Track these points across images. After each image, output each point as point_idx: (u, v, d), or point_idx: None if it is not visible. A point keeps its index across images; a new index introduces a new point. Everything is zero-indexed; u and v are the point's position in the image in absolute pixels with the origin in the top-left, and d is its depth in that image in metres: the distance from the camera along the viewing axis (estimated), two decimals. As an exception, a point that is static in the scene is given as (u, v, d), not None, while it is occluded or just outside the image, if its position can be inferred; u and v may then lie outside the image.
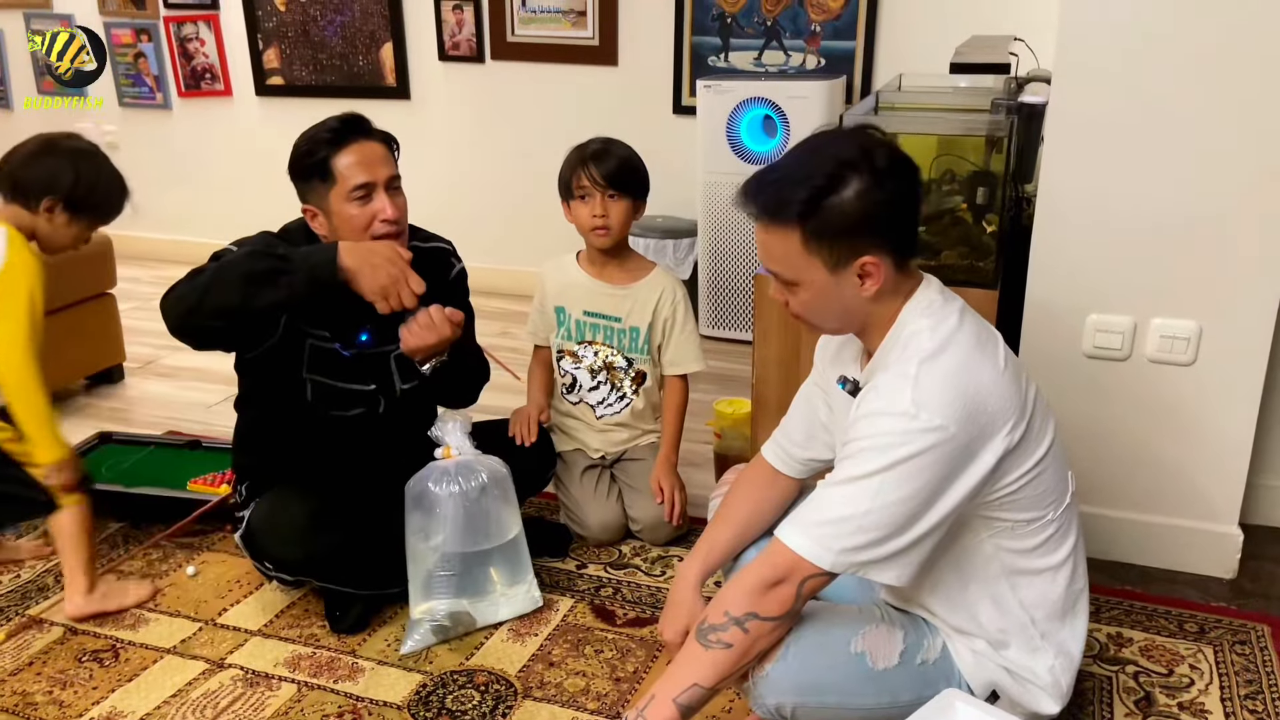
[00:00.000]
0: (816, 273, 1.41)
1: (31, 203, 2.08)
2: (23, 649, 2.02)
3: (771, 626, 1.42)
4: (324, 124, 1.99)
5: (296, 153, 2.00)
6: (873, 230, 1.39)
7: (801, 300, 1.46)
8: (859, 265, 1.40)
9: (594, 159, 2.31)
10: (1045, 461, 1.45)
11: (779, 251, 1.42)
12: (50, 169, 2.08)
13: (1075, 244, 2.13)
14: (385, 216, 1.97)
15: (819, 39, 3.65)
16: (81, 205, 2.11)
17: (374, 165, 1.97)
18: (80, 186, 2.10)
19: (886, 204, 1.39)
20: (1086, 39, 2.02)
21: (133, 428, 3.01)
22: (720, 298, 3.70)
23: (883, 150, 1.41)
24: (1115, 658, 1.97)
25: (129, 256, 4.61)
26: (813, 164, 1.40)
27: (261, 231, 2.05)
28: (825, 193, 1.37)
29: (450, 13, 4.07)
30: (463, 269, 2.27)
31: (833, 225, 1.37)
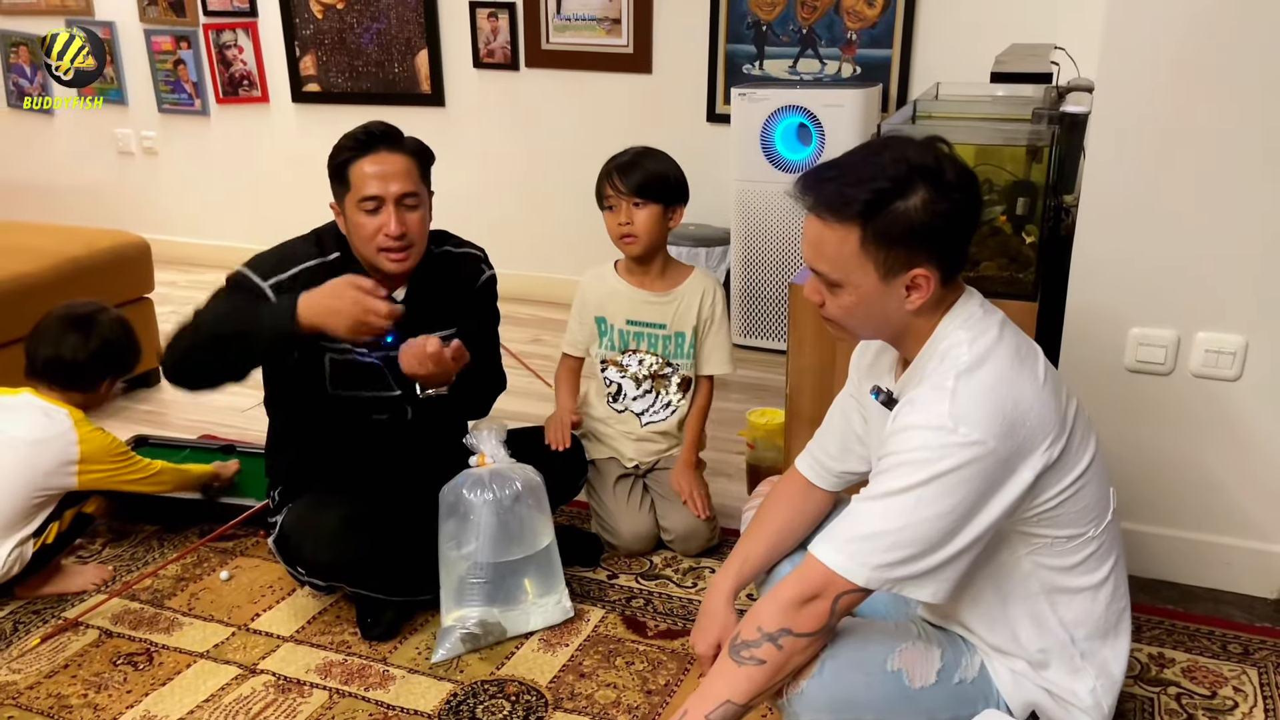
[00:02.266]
0: (866, 277, 1.38)
1: (92, 384, 2.25)
2: (58, 651, 2.03)
3: (806, 643, 1.40)
4: (357, 129, 2.01)
5: (330, 152, 2.03)
6: (931, 243, 1.36)
7: (842, 303, 1.43)
8: (910, 276, 1.37)
9: (620, 169, 2.31)
10: (1085, 477, 1.42)
11: (832, 249, 1.38)
12: (104, 348, 2.24)
13: (1117, 255, 2.09)
14: (389, 232, 1.97)
15: (855, 47, 3.63)
16: (127, 368, 2.34)
17: (388, 179, 1.97)
18: (125, 355, 2.30)
19: (950, 218, 1.36)
20: (1131, 47, 1.98)
21: (168, 431, 3.03)
22: (753, 306, 3.68)
23: (953, 163, 1.38)
24: (1157, 679, 1.93)
25: (167, 261, 4.66)
26: (881, 164, 1.36)
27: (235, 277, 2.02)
28: (891, 196, 1.34)
29: (485, 20, 4.08)
30: (492, 275, 2.27)
31: (894, 231, 1.34)
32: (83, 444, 2.16)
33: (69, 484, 2.15)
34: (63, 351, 2.21)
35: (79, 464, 2.15)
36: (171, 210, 4.94)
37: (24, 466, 2.11)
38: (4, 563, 2.10)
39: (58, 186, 5.10)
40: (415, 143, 2.05)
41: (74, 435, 2.15)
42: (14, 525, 2.11)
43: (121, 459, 2.23)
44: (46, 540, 2.14)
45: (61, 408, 2.20)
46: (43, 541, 2.14)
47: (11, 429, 2.14)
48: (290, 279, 1.99)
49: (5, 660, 2.00)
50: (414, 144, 2.05)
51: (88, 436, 2.18)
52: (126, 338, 2.31)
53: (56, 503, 2.16)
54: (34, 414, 2.17)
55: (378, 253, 2.00)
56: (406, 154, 2.01)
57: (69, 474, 2.14)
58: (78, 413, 2.21)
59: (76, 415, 2.20)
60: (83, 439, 2.16)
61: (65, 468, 2.14)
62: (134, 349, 2.33)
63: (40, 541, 2.14)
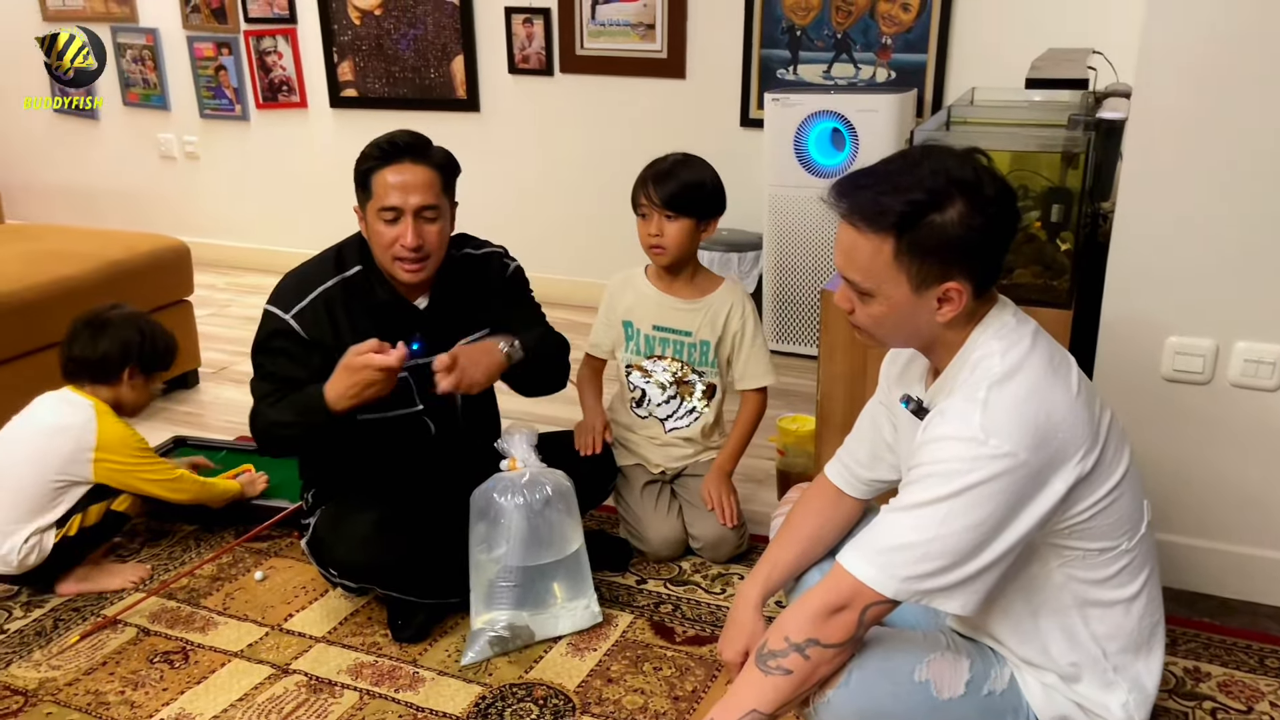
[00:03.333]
0: (898, 288, 1.37)
1: (113, 376, 2.30)
2: (97, 649, 2.07)
3: (833, 653, 1.39)
4: (383, 137, 2.03)
5: (357, 158, 2.05)
6: (966, 257, 1.35)
7: (872, 313, 1.42)
8: (942, 289, 1.36)
9: (655, 178, 2.30)
10: (1119, 490, 1.40)
11: (864, 259, 1.37)
12: (119, 341, 2.30)
13: (1154, 263, 2.07)
14: (405, 243, 1.98)
15: (890, 51, 3.61)
16: (149, 362, 2.36)
17: (409, 191, 1.98)
18: (146, 345, 2.34)
19: (986, 233, 1.35)
20: (1169, 51, 1.96)
21: (206, 432, 3.08)
22: (786, 312, 3.67)
23: (992, 178, 1.37)
24: (1192, 693, 1.90)
25: (207, 264, 4.74)
26: (919, 175, 1.34)
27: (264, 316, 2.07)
28: (928, 208, 1.32)
29: (520, 26, 4.11)
30: (518, 267, 2.27)
31: (929, 244, 1.33)
32: (101, 433, 2.21)
33: (86, 473, 2.20)
34: (75, 350, 2.30)
35: (95, 451, 2.20)
36: (212, 214, 5.01)
37: (43, 450, 2.18)
38: (20, 549, 2.14)
39: (101, 190, 5.20)
40: (441, 154, 2.06)
41: (94, 425, 2.22)
42: (33, 510, 2.16)
43: (140, 454, 2.27)
44: (69, 533, 2.18)
45: (87, 399, 2.26)
46: (64, 533, 2.18)
47: (38, 417, 2.26)
48: (310, 304, 2.03)
49: (45, 657, 2.04)
50: (440, 156, 2.05)
51: (107, 426, 2.23)
52: (137, 330, 2.33)
53: (80, 495, 2.20)
54: (60, 404, 2.27)
55: (393, 262, 2.02)
56: (430, 166, 2.02)
57: (86, 461, 2.19)
58: (103, 405, 2.27)
59: (101, 407, 2.26)
60: (101, 428, 2.22)
61: (82, 454, 2.19)
62: (148, 340, 2.35)
63: (62, 533, 2.18)
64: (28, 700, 1.92)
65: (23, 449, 2.21)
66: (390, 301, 2.08)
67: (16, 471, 2.18)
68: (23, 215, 5.17)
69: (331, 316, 2.04)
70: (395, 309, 2.08)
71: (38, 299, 2.91)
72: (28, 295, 2.89)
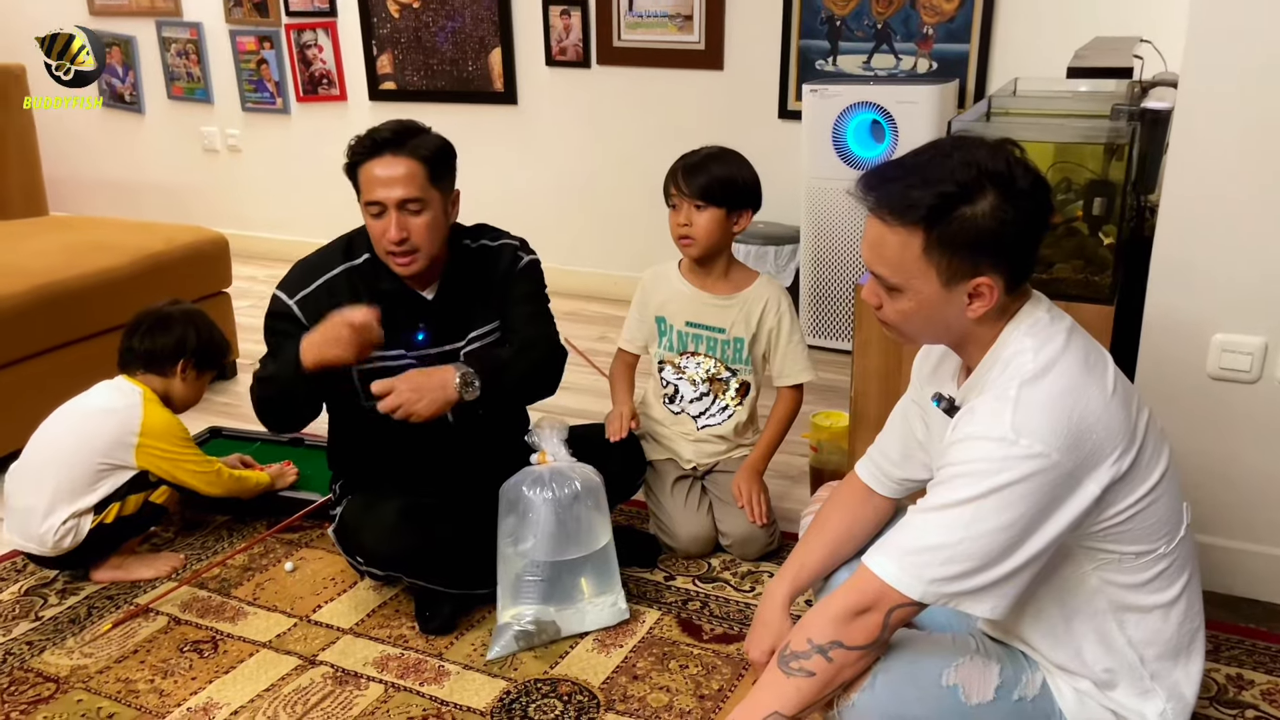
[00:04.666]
0: (927, 284, 1.34)
1: (167, 369, 2.35)
2: (129, 636, 2.09)
3: (857, 656, 1.36)
4: (371, 130, 2.03)
5: (345, 151, 2.05)
6: (997, 252, 1.31)
7: (900, 309, 1.39)
8: (973, 285, 1.33)
9: (686, 169, 2.27)
10: (1157, 492, 1.36)
11: (893, 253, 1.34)
12: (176, 335, 2.36)
13: (1200, 257, 2.00)
14: (389, 237, 1.98)
15: (931, 42, 3.55)
16: (204, 359, 2.41)
17: (390, 185, 1.97)
18: (203, 342, 2.39)
19: (1018, 227, 1.30)
20: (1217, 38, 1.89)
21: (242, 423, 3.10)
22: (823, 306, 3.62)
23: (1025, 170, 1.32)
24: (1234, 700, 1.84)
25: (249, 256, 4.79)
26: (949, 167, 1.30)
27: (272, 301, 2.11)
28: (958, 201, 1.29)
29: (558, 18, 4.09)
30: (532, 260, 2.22)
31: (959, 238, 1.29)
32: (146, 418, 2.24)
33: (129, 458, 2.22)
34: (133, 340, 2.34)
35: (139, 436, 2.22)
36: (254, 207, 5.06)
37: (89, 432, 2.22)
38: (57, 530, 2.17)
39: (146, 184, 5.26)
40: (428, 145, 2.01)
41: (140, 410, 2.25)
42: (74, 491, 2.18)
43: (182, 443, 2.30)
44: (105, 519, 2.21)
45: (138, 386, 2.30)
46: (101, 520, 2.20)
47: (88, 400, 2.30)
48: (314, 292, 2.05)
49: (78, 644, 2.07)
50: (425, 147, 2.01)
51: (153, 412, 2.26)
52: (195, 327, 2.38)
53: (121, 482, 2.22)
54: (110, 389, 2.31)
55: (385, 255, 2.03)
56: (413, 158, 1.98)
57: (129, 445, 2.22)
58: (150, 393, 2.30)
59: (149, 394, 2.29)
60: (147, 413, 2.25)
61: (127, 438, 2.22)
62: (204, 336, 2.40)
63: (99, 520, 2.20)
64: (59, 687, 1.94)
65: (69, 429, 2.25)
66: (395, 291, 2.08)
67: (62, 450, 2.21)
68: (70, 208, 5.26)
69: (335, 304, 2.02)
70: (401, 298, 2.08)
71: (79, 290, 2.95)
72: (69, 286, 2.93)
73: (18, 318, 2.78)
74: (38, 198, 3.79)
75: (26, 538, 2.20)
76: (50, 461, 2.21)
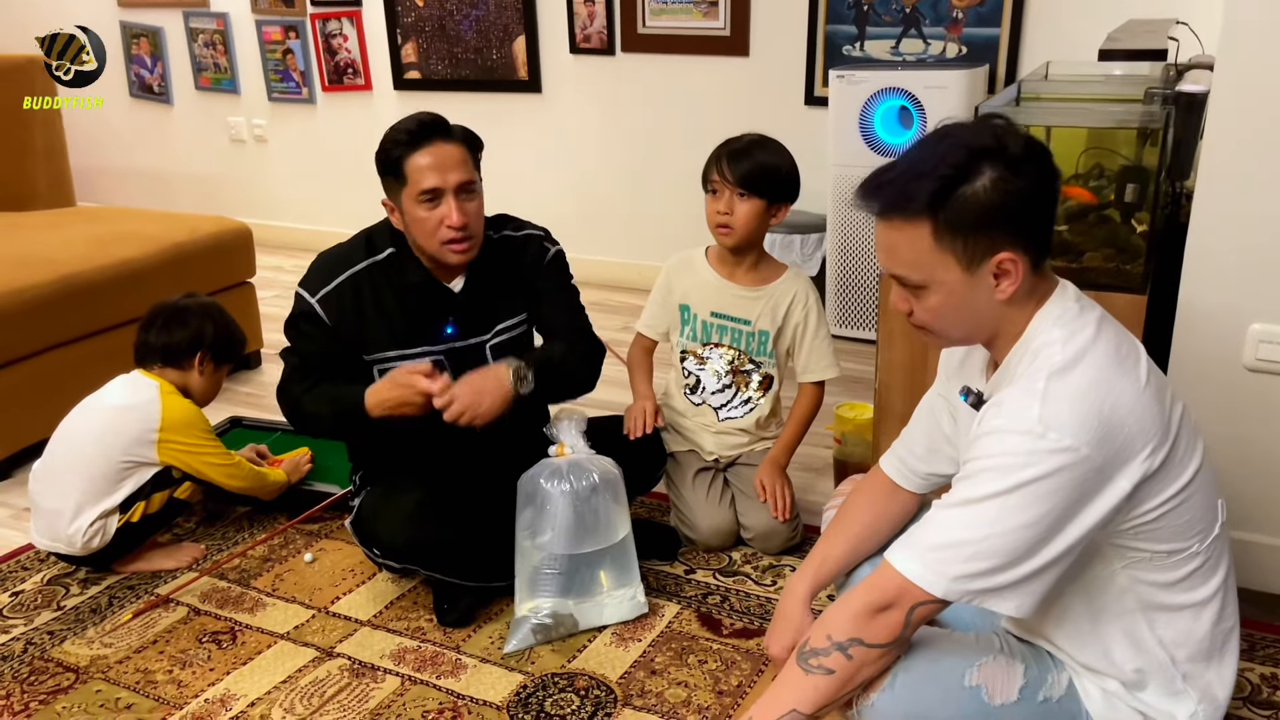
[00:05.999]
0: (949, 272, 1.30)
1: (185, 361, 2.34)
2: (149, 627, 2.09)
3: (878, 654, 1.33)
4: (404, 122, 1.99)
5: (379, 148, 2.01)
6: (1009, 222, 1.28)
7: (930, 306, 1.35)
8: (996, 263, 1.29)
9: (731, 155, 2.22)
10: (1191, 488, 1.31)
11: (906, 251, 1.31)
12: (193, 328, 2.35)
13: (1237, 245, 1.94)
14: (451, 223, 1.95)
15: (961, 25, 3.48)
16: (222, 351, 2.40)
17: (445, 170, 1.95)
18: (220, 335, 2.39)
19: (1024, 194, 1.28)
20: (1254, 18, 1.83)
21: (265, 413, 3.10)
22: (849, 296, 3.58)
23: (1015, 137, 1.30)
24: (1269, 701, 1.79)
25: (276, 246, 4.80)
26: (939, 154, 1.29)
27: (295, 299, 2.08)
28: (957, 182, 1.26)
29: (582, 5, 4.06)
30: (559, 251, 2.22)
31: (967, 217, 1.27)
32: (165, 412, 2.23)
33: (152, 454, 2.22)
34: (149, 334, 2.34)
35: (159, 432, 2.22)
36: (280, 196, 5.07)
37: (110, 431, 2.21)
38: (85, 532, 2.17)
39: (174, 174, 5.29)
40: (464, 130, 2.03)
41: (159, 404, 2.24)
42: (100, 492, 2.18)
43: (204, 435, 2.29)
44: (132, 519, 2.21)
45: (154, 380, 2.29)
46: (127, 519, 2.20)
47: (106, 398, 2.29)
48: (337, 288, 2.03)
49: (98, 634, 2.07)
50: (463, 131, 2.02)
51: (172, 405, 2.25)
52: (211, 320, 2.38)
53: (146, 478, 2.22)
54: (127, 385, 2.30)
55: (441, 246, 1.98)
56: (458, 143, 1.99)
57: (150, 442, 2.21)
58: (168, 386, 2.29)
59: (167, 388, 2.28)
60: (166, 407, 2.24)
61: (147, 434, 2.21)
62: (221, 329, 2.40)
63: (125, 519, 2.20)
64: (79, 677, 1.95)
65: (89, 429, 2.24)
66: (423, 283, 2.06)
67: (84, 451, 2.21)
68: (99, 198, 5.29)
69: (358, 300, 2.03)
70: (428, 291, 2.07)
71: (103, 280, 2.96)
72: (93, 276, 2.95)
73: (43, 308, 2.79)
74: (64, 188, 3.81)
75: (55, 539, 2.20)
76: (73, 463, 2.21)
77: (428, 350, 2.07)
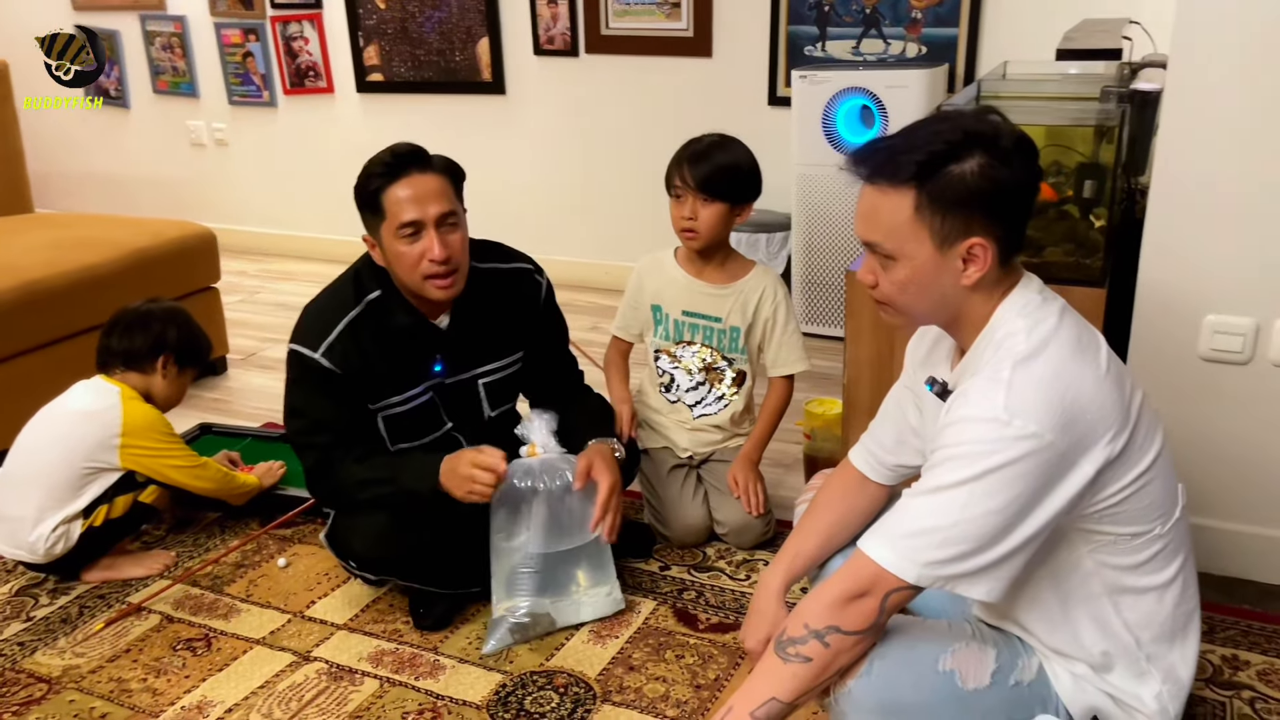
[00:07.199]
0: (921, 247, 1.33)
1: (147, 365, 2.32)
2: (121, 636, 2.08)
3: (854, 641, 1.36)
4: (380, 154, 1.93)
5: (357, 182, 1.95)
6: (989, 209, 1.32)
7: (896, 279, 1.38)
8: (966, 246, 1.32)
9: (692, 160, 2.24)
10: (1151, 473, 1.35)
11: (886, 217, 1.34)
12: (155, 332, 2.33)
13: (1191, 239, 2.00)
14: (433, 256, 1.88)
15: (920, 26, 3.53)
16: (185, 355, 2.38)
17: (425, 202, 1.88)
18: (183, 338, 2.37)
19: (1007, 184, 1.32)
20: (1206, 18, 1.88)
21: (233, 419, 3.09)
22: (815, 293, 3.62)
23: (1010, 132, 1.34)
24: (1229, 682, 1.84)
25: (238, 251, 4.77)
26: (935, 131, 1.33)
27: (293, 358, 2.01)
28: (946, 159, 1.30)
29: (545, 7, 4.07)
30: (550, 288, 2.21)
31: (949, 194, 1.30)
32: (126, 417, 2.21)
33: (113, 459, 2.20)
34: (111, 339, 2.32)
35: (121, 437, 2.20)
36: (242, 200, 5.03)
37: (71, 437, 2.19)
38: (48, 538, 2.15)
39: (133, 178, 5.23)
40: (444, 160, 1.96)
41: (119, 410, 2.22)
42: (62, 498, 2.17)
43: (166, 439, 2.27)
44: (94, 524, 2.19)
45: (115, 386, 2.27)
46: (90, 524, 2.19)
47: (67, 404, 2.27)
48: (338, 338, 1.96)
49: (70, 644, 2.05)
50: (443, 161, 1.96)
51: (133, 410, 2.23)
52: (174, 323, 2.36)
53: (108, 484, 2.21)
54: (89, 391, 2.28)
55: (423, 281, 1.92)
56: (438, 173, 1.93)
57: (112, 447, 2.20)
58: (130, 391, 2.27)
59: (128, 392, 2.27)
60: (127, 411, 2.22)
61: (109, 440, 2.19)
62: (184, 332, 2.37)
63: (88, 524, 2.19)
64: (51, 688, 1.93)
65: (52, 436, 2.22)
66: (412, 324, 2.01)
67: (46, 458, 2.19)
68: (57, 204, 5.23)
69: (359, 345, 1.96)
70: (418, 330, 2.02)
71: (66, 287, 2.93)
72: (56, 283, 2.91)
73: (4, 315, 2.75)
74: (22, 194, 3.75)
75: (17, 546, 2.18)
76: (34, 470, 2.19)
77: (419, 394, 2.05)
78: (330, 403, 1.98)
